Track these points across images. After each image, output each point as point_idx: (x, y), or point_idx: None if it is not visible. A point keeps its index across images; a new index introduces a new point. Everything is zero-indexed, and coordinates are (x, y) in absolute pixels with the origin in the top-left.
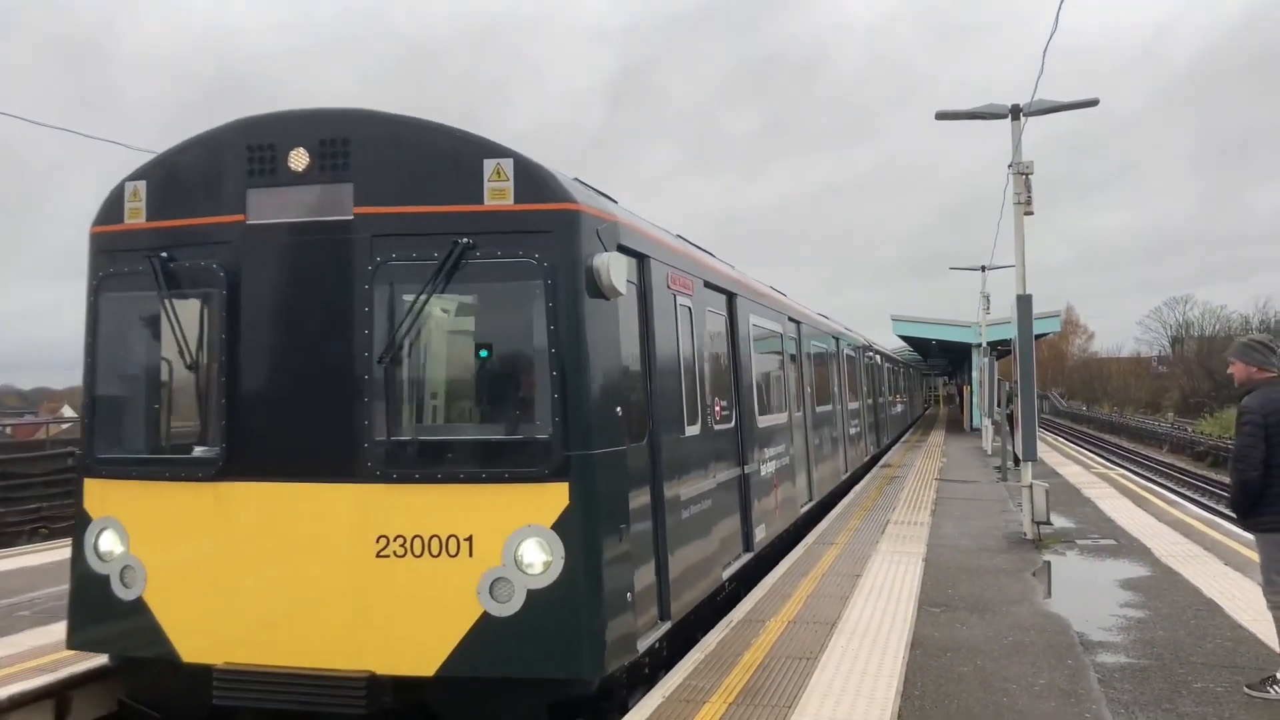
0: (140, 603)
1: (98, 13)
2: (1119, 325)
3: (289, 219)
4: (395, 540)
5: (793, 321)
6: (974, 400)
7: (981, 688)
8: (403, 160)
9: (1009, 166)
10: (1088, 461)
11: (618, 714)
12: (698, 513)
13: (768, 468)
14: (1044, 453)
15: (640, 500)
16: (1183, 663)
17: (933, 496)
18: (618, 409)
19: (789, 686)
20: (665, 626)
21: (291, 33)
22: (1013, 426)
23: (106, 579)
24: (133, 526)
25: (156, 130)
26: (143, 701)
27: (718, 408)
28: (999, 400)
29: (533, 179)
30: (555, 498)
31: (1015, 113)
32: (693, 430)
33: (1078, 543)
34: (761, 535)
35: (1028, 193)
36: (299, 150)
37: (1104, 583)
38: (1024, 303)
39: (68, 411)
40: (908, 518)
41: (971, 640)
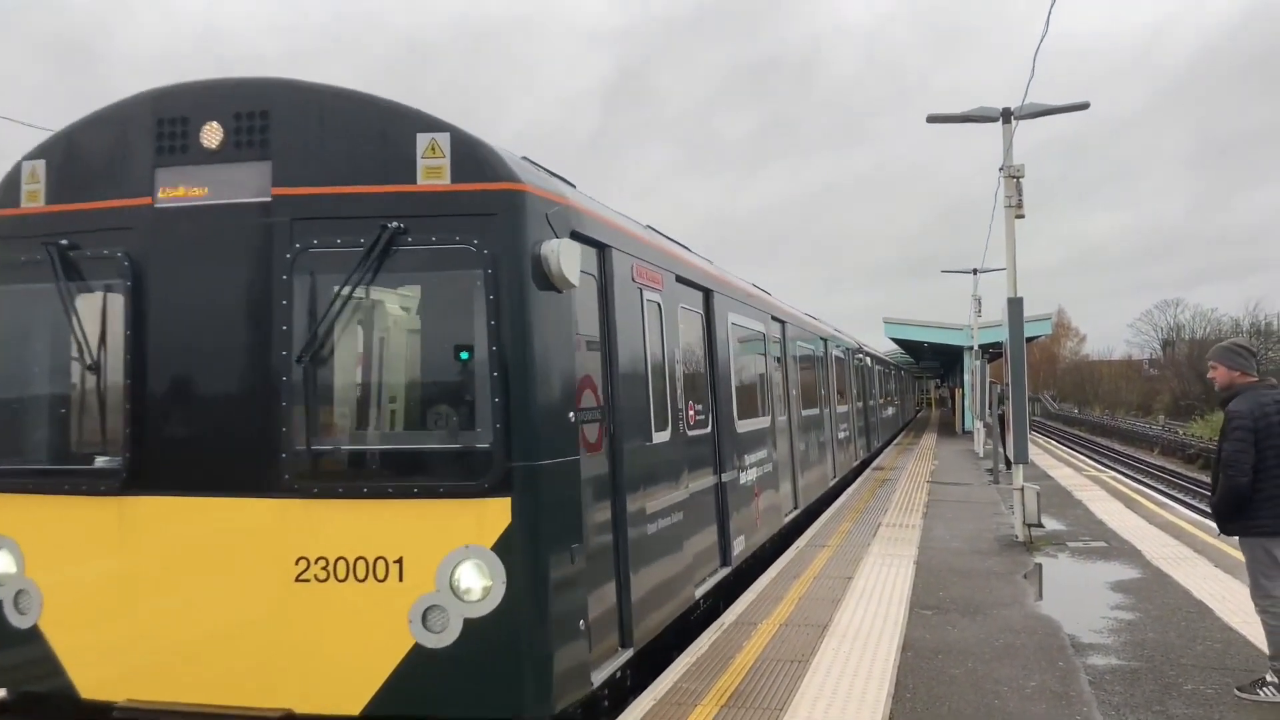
0: (35, 631)
1: (91, 13)
2: (1110, 328)
3: (201, 202)
4: (316, 562)
5: (777, 321)
6: (966, 403)
7: (973, 690)
8: (327, 135)
9: (1000, 170)
10: (1079, 464)
11: None
12: (667, 526)
13: (748, 475)
14: (1035, 455)
15: (597, 515)
16: (1173, 665)
17: (924, 499)
18: (570, 414)
19: (780, 689)
20: (626, 654)
21: (289, 34)
22: (1004, 429)
23: None
24: (28, 546)
25: None
26: None
27: (692, 412)
28: (991, 403)
29: (472, 156)
30: (496, 515)
31: (1006, 116)
32: (661, 436)
33: (1069, 545)
34: (741, 548)
35: (1019, 196)
36: (212, 125)
37: (1095, 585)
38: (1015, 305)
39: None
40: (899, 520)
41: (963, 642)
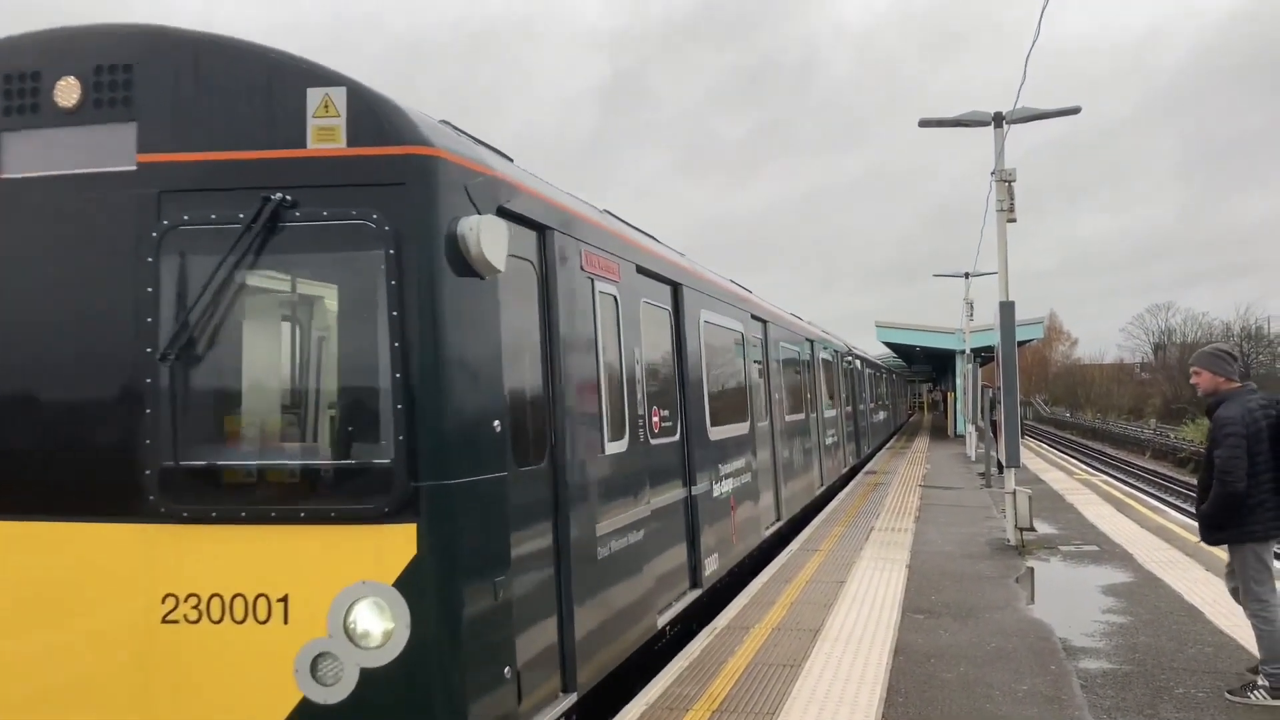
0: None
1: (89, 13)
2: (1102, 332)
3: (54, 171)
4: (187, 600)
5: (758, 320)
6: (958, 407)
7: (965, 694)
8: (203, 92)
9: (992, 174)
10: (1070, 468)
11: None
12: (623, 549)
13: (723, 487)
14: (1027, 459)
15: (533, 540)
16: (1164, 668)
17: (917, 503)
18: (495, 423)
19: (773, 694)
20: (569, 700)
21: (287, 34)
22: (996, 433)
23: None
24: None
25: None
26: None
27: (657, 419)
28: (982, 407)
29: (373, 114)
30: (398, 544)
31: (998, 120)
32: (617, 447)
33: (1060, 549)
34: (713, 567)
35: (1010, 200)
36: (68, 80)
37: (1086, 588)
38: (1006, 309)
39: None
40: (892, 524)
41: (955, 646)
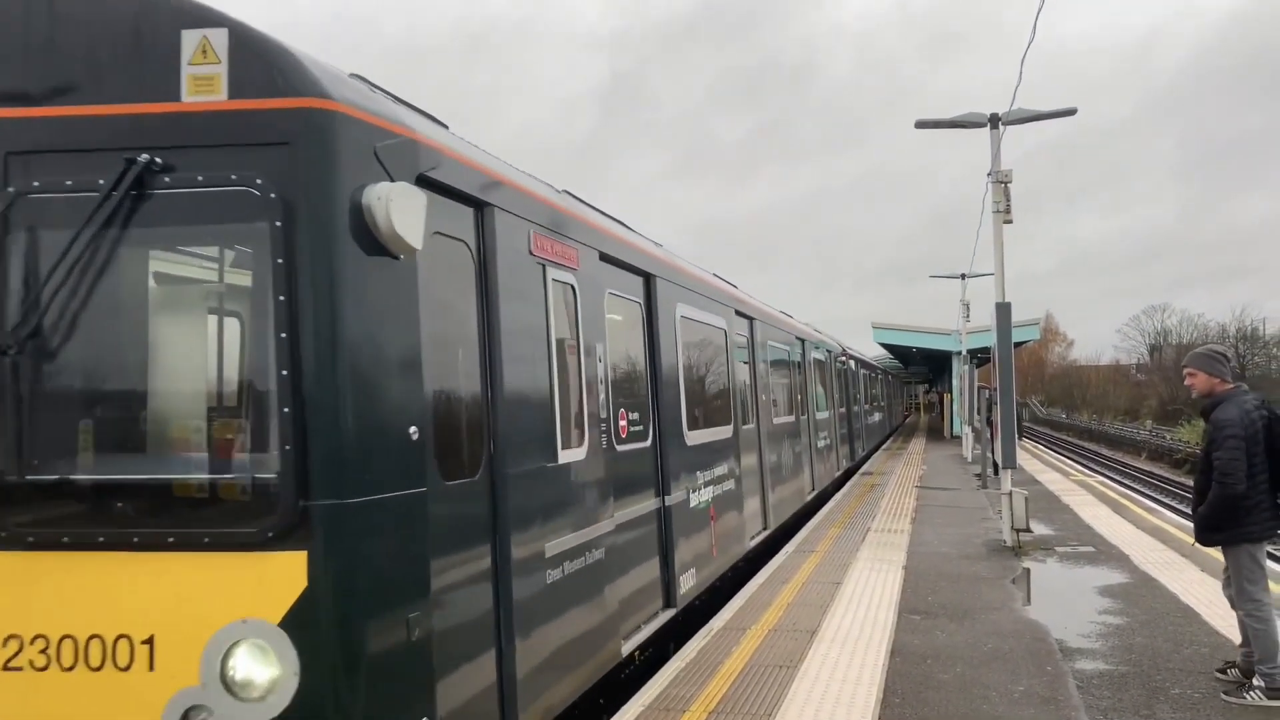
0: None
1: None
2: (1098, 333)
3: None
4: (34, 643)
5: (743, 317)
6: (954, 408)
7: (961, 695)
8: (58, 34)
9: (988, 175)
10: (1067, 469)
11: None
12: (580, 570)
13: (701, 496)
14: (1023, 460)
15: (462, 566)
16: (1160, 669)
17: (913, 504)
18: (411, 429)
19: (769, 695)
20: None
21: (283, 35)
22: (993, 434)
23: None
24: None
25: None
26: None
27: (624, 422)
28: (979, 408)
29: (261, 61)
30: (284, 575)
31: (994, 121)
32: (572, 455)
33: (1057, 550)
34: (690, 584)
35: (1007, 201)
36: None
37: (1083, 589)
38: (1003, 310)
39: None
40: (888, 525)
41: (951, 647)
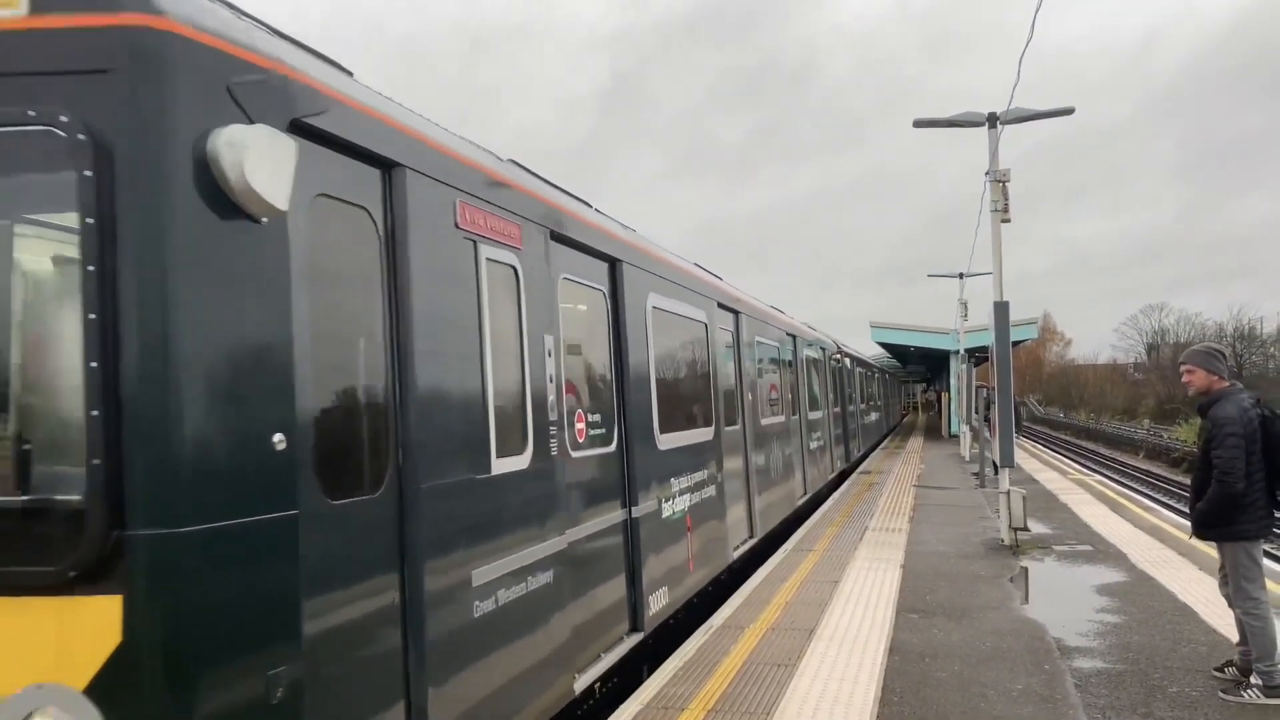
0: None
1: None
2: (1096, 333)
3: None
4: None
5: (727, 310)
6: (952, 407)
7: (959, 693)
8: None
9: (986, 174)
10: (1065, 468)
11: None
12: (519, 598)
13: (676, 505)
14: (1021, 459)
15: (352, 605)
16: (1158, 667)
17: (911, 503)
18: (276, 436)
19: (768, 693)
20: None
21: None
22: (990, 433)
23: None
24: None
25: None
26: None
27: (581, 425)
28: (977, 407)
29: None
30: (92, 627)
31: (992, 121)
32: (511, 464)
33: (1055, 548)
34: (661, 604)
35: (1005, 200)
36: None
37: (1080, 588)
38: (1001, 310)
39: None
40: (886, 524)
41: (949, 646)
